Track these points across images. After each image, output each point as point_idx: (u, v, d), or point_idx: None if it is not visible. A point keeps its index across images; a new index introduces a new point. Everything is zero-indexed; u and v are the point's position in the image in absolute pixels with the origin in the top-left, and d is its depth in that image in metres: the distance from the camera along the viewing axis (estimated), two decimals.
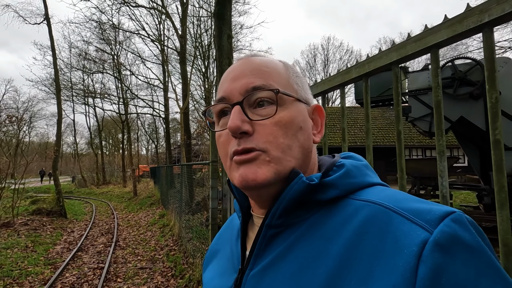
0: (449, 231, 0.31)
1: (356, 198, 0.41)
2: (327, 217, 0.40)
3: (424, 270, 0.30)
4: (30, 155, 13.84)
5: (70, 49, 23.32)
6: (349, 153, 0.52)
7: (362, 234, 0.36)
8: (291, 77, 0.48)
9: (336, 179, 0.42)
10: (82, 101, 26.63)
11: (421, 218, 0.33)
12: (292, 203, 0.41)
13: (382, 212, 0.36)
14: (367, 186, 0.43)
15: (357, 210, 0.38)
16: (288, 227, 0.42)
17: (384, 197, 0.39)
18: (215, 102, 0.48)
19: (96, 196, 19.76)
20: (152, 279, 4.70)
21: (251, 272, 0.43)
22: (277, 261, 0.40)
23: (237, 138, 0.43)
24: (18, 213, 8.92)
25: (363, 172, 0.45)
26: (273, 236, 0.43)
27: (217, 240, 0.61)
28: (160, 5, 14.70)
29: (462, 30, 0.90)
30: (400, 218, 0.34)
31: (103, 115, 29.67)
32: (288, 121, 0.44)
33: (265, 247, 0.43)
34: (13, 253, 5.99)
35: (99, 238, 7.78)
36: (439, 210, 0.33)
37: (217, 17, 6.29)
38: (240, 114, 0.43)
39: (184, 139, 12.51)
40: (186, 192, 7.10)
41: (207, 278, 0.55)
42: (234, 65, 0.49)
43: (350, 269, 0.34)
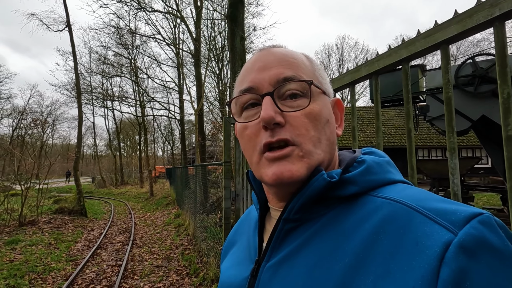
0: (475, 234, 0.29)
1: (377, 195, 0.39)
2: (345, 213, 0.40)
3: (446, 273, 0.28)
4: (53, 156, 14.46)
5: (90, 54, 24.22)
6: (370, 149, 0.50)
7: (381, 232, 0.35)
8: (315, 69, 0.48)
9: (356, 176, 0.41)
10: (101, 104, 27.58)
11: (446, 218, 0.32)
12: (310, 199, 0.41)
13: (403, 210, 0.35)
14: (388, 183, 0.42)
15: (377, 208, 0.37)
16: (305, 222, 0.42)
17: (406, 196, 0.37)
18: (240, 93, 0.46)
19: (115, 196, 20.36)
20: (167, 277, 4.80)
21: (267, 264, 0.43)
22: (293, 255, 0.40)
23: (269, 129, 0.41)
24: (42, 212, 9.34)
25: (385, 168, 0.44)
26: (290, 230, 0.43)
27: (235, 232, 0.62)
28: (175, 9, 15.03)
29: (472, 25, 0.89)
30: (423, 217, 0.33)
31: (121, 118, 30.62)
32: (318, 113, 0.43)
33: (282, 241, 0.43)
34: (37, 249, 6.28)
35: (117, 237, 8.01)
36: (466, 211, 0.32)
37: (230, 19, 6.37)
38: (273, 105, 0.42)
39: (198, 140, 12.70)
40: (201, 193, 7.19)
41: (224, 267, 0.55)
42: (258, 56, 0.47)
43: (366, 267, 0.33)
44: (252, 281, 0.44)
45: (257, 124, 0.43)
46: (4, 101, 33.20)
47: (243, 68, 0.49)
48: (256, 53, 0.49)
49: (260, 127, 0.43)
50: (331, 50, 40.37)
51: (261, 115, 0.41)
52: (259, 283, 0.42)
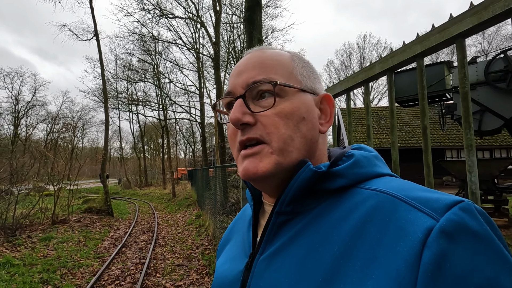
0: (456, 219, 0.31)
1: (364, 187, 0.41)
2: (335, 205, 0.41)
3: (428, 255, 0.30)
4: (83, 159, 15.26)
5: (116, 61, 25.51)
6: (360, 145, 0.51)
7: (368, 221, 0.36)
8: (295, 67, 0.48)
9: (344, 169, 0.43)
10: (126, 108, 28.78)
11: (428, 206, 0.33)
12: (300, 191, 0.42)
13: (389, 200, 0.36)
14: (376, 176, 0.43)
15: (365, 199, 0.39)
16: (297, 214, 0.43)
17: (391, 187, 0.39)
18: (223, 96, 0.50)
19: (139, 197, 21.11)
20: (188, 276, 4.91)
21: (261, 257, 0.44)
22: (285, 246, 0.42)
23: (240, 129, 0.45)
24: (72, 211, 9.89)
25: (372, 162, 0.45)
26: (283, 223, 0.44)
27: (230, 230, 0.64)
28: (195, 15, 15.40)
29: (488, 16, 0.85)
30: (407, 206, 0.35)
31: (145, 121, 31.81)
32: (289, 112, 0.44)
33: (275, 233, 0.44)
34: (68, 246, 6.65)
35: (141, 236, 8.30)
36: (447, 199, 0.33)
37: (247, 22, 6.43)
38: (241, 107, 0.45)
39: (218, 142, 12.89)
40: (221, 194, 7.30)
41: (219, 263, 0.57)
42: (241, 60, 0.50)
43: (354, 255, 0.35)
44: (246, 274, 0.45)
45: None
46: (39, 108, 35.60)
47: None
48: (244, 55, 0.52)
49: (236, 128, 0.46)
50: (352, 49, 39.51)
51: (229, 116, 0.45)
52: (253, 275, 0.43)
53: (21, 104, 34.05)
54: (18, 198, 7.93)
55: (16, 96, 33.72)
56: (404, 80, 6.97)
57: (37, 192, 10.02)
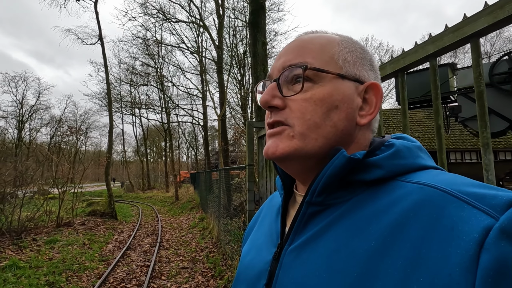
0: None
1: (407, 180, 0.37)
2: (371, 198, 0.38)
3: (487, 259, 0.26)
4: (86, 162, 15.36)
5: (120, 65, 25.72)
6: (401, 134, 0.48)
7: (411, 217, 0.33)
8: (339, 52, 0.45)
9: (382, 159, 0.39)
10: (129, 112, 28.96)
11: (485, 203, 0.30)
12: (333, 179, 0.39)
13: (437, 195, 0.33)
14: (419, 169, 0.40)
15: (407, 193, 0.35)
16: (329, 206, 0.41)
17: (440, 180, 0.35)
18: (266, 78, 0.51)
19: (142, 200, 21.13)
20: (193, 279, 4.90)
21: (289, 247, 0.42)
22: (316, 238, 0.40)
23: (270, 111, 0.45)
24: (76, 214, 9.91)
25: (415, 153, 0.41)
26: (314, 214, 0.42)
27: (257, 217, 0.63)
28: (199, 18, 15.54)
29: (504, 15, 0.86)
30: (459, 202, 0.31)
31: (147, 125, 31.94)
32: (320, 98, 0.42)
33: (305, 224, 0.42)
34: (73, 249, 6.67)
35: (145, 239, 8.30)
36: (507, 195, 0.30)
37: (251, 26, 6.49)
38: (272, 90, 0.44)
39: (221, 145, 12.92)
40: (224, 197, 7.30)
41: (245, 251, 0.55)
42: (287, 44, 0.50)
43: (394, 252, 0.32)
44: (274, 264, 0.43)
45: None
46: (43, 111, 35.89)
47: None
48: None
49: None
50: None
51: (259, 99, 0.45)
52: (281, 265, 0.42)
53: (25, 108, 34.35)
54: (23, 201, 7.97)
55: (20, 100, 34.02)
56: (408, 82, 6.97)
57: (41, 195, 10.07)
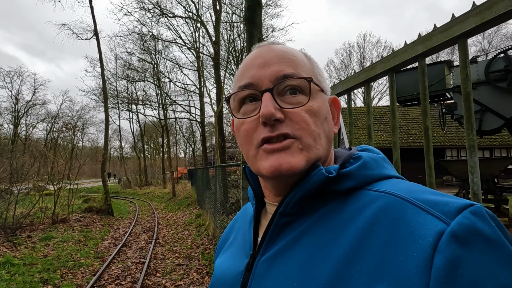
0: (467, 223, 0.30)
1: (372, 189, 0.40)
2: (341, 207, 0.40)
3: (440, 260, 0.29)
4: (83, 158, 15.27)
5: (116, 61, 25.45)
6: (366, 146, 0.51)
7: (375, 223, 0.35)
8: (314, 67, 0.49)
9: (353, 170, 0.42)
10: (126, 108, 28.79)
11: (438, 209, 0.33)
12: (308, 193, 0.41)
13: (397, 202, 0.36)
14: (383, 178, 0.43)
15: (372, 200, 0.38)
16: (301, 215, 0.42)
17: (399, 189, 0.38)
18: (239, 89, 0.46)
19: (139, 196, 21.11)
20: (188, 275, 4.91)
21: (262, 258, 0.43)
22: (288, 248, 0.41)
23: (269, 125, 0.42)
24: (72, 211, 9.89)
25: (380, 164, 0.45)
26: (286, 224, 0.43)
27: (230, 228, 0.62)
28: (195, 14, 15.39)
29: (491, 16, 0.85)
30: (416, 208, 0.34)
31: (145, 121, 31.79)
32: (317, 110, 0.44)
33: (277, 234, 0.43)
34: (68, 246, 6.66)
35: (141, 235, 8.30)
36: (457, 202, 0.33)
37: (247, 21, 6.43)
38: (273, 101, 0.42)
39: (218, 141, 12.89)
40: (221, 193, 7.30)
41: (218, 262, 0.55)
42: (259, 51, 0.48)
43: (361, 258, 0.34)
44: (247, 275, 0.44)
45: (255, 120, 0.44)
46: (39, 107, 35.59)
47: (242, 63, 0.49)
48: (256, 48, 0.49)
49: (258, 123, 0.43)
50: (352, 48, 39.50)
51: (261, 111, 0.42)
52: (254, 276, 0.42)
53: (21, 103, 34.01)
54: (18, 197, 7.92)
55: (16, 95, 33.69)
56: (404, 79, 6.98)
57: (37, 191, 10.02)
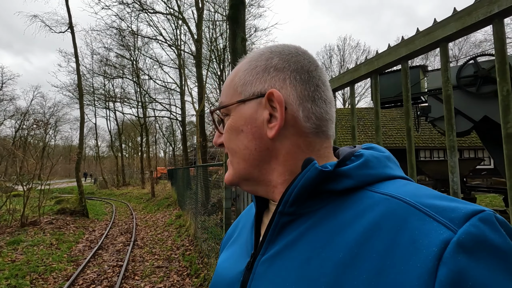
0: (475, 232, 0.28)
1: (374, 190, 0.38)
2: (341, 207, 0.39)
3: (444, 273, 0.27)
4: (56, 157, 14.53)
5: (92, 56, 24.43)
6: (371, 145, 0.49)
7: (376, 229, 0.34)
8: (239, 80, 0.47)
9: (352, 169, 0.40)
10: (103, 105, 27.73)
11: (445, 216, 0.31)
12: (304, 190, 0.40)
13: (401, 207, 0.34)
14: (387, 179, 0.41)
15: (374, 203, 0.36)
16: (301, 216, 0.41)
17: (404, 191, 0.36)
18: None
19: (116, 197, 20.41)
20: (168, 278, 4.80)
21: (262, 257, 0.43)
22: (287, 248, 0.40)
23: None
24: (44, 213, 9.38)
25: (383, 163, 0.42)
26: (286, 224, 0.42)
27: (234, 227, 0.62)
28: (177, 10, 15.09)
29: (471, 22, 0.88)
30: (421, 214, 0.32)
31: (123, 119, 30.77)
32: (229, 127, 0.48)
33: (277, 234, 0.43)
34: (39, 250, 6.30)
35: (119, 238, 8.02)
36: (466, 208, 0.31)
37: (231, 20, 6.38)
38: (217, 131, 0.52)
39: (200, 141, 12.72)
40: (202, 194, 7.20)
41: (221, 260, 0.55)
42: None
43: (360, 264, 0.33)
44: (247, 274, 0.43)
45: None
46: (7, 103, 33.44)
47: None
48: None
49: None
50: (332, 51, 40.41)
51: None
52: (254, 276, 0.42)
53: None
54: None
55: None
56: (382, 82, 7.23)
57: (4, 192, 9.41)
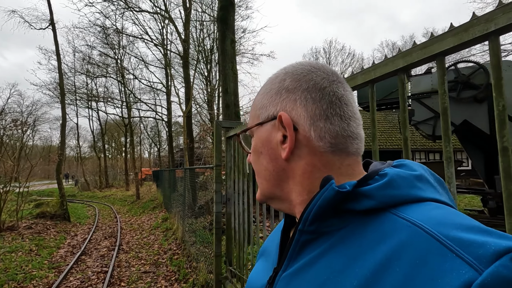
0: (505, 274, 0.25)
1: (398, 214, 0.36)
2: (361, 230, 0.38)
3: None
4: (34, 158, 13.93)
5: (74, 54, 23.61)
6: (403, 161, 0.45)
7: (395, 259, 0.31)
8: (257, 104, 0.49)
9: (373, 189, 0.38)
10: (85, 105, 26.87)
11: (470, 252, 0.27)
12: (322, 210, 0.39)
13: (422, 237, 0.31)
14: (414, 201, 0.37)
15: (396, 229, 0.34)
16: (322, 235, 0.41)
17: (429, 219, 0.33)
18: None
19: (99, 199, 19.81)
20: (156, 283, 4.70)
21: (283, 274, 0.43)
22: (307, 267, 0.40)
23: None
24: (22, 217, 8.96)
25: (410, 183, 0.39)
26: (307, 242, 0.42)
27: (269, 238, 0.63)
28: (164, 10, 14.86)
29: (468, 38, 0.91)
30: (443, 248, 0.29)
31: (106, 119, 29.88)
32: (252, 149, 0.50)
33: (298, 252, 0.43)
34: (17, 256, 6.02)
35: (103, 242, 7.79)
36: (497, 244, 0.27)
37: (220, 21, 6.36)
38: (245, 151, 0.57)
39: (187, 142, 12.55)
40: (189, 196, 7.10)
41: (253, 270, 0.57)
42: None
43: None
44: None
45: None
46: None
47: None
48: None
49: None
50: (318, 54, 40.86)
51: None
52: None
53: None
54: None
55: None
56: None
57: None
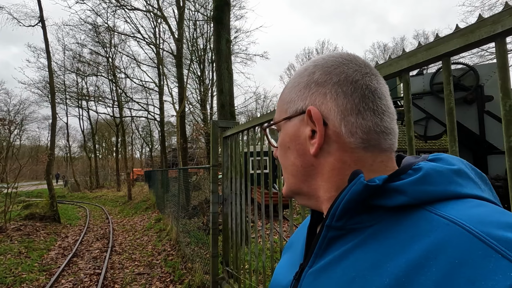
0: None
1: (435, 211, 0.33)
2: (393, 227, 0.35)
3: None
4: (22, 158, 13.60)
5: (64, 52, 23.16)
6: (440, 155, 0.41)
7: (431, 258, 0.29)
8: (285, 98, 0.48)
9: (406, 184, 0.35)
10: (75, 104, 26.39)
11: None
12: (350, 205, 0.37)
13: (463, 236, 0.29)
14: (454, 197, 0.35)
15: (432, 228, 0.32)
16: (350, 231, 0.39)
17: (471, 216, 0.30)
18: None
19: (90, 200, 19.47)
20: (150, 285, 4.64)
21: (309, 270, 0.42)
22: (334, 264, 0.39)
23: None
24: (10, 218, 8.74)
25: (448, 179, 0.36)
26: (334, 238, 0.40)
27: (295, 233, 0.62)
28: (156, 8, 14.71)
29: (474, 40, 0.93)
30: (487, 249, 0.27)
31: (97, 118, 29.39)
32: (279, 144, 0.50)
33: (325, 248, 0.41)
34: (6, 259, 5.86)
35: (95, 243, 7.66)
36: None
37: (215, 21, 6.32)
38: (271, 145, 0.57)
39: (180, 142, 12.45)
40: (183, 196, 7.05)
41: (278, 265, 0.57)
42: None
43: None
44: (295, 284, 0.44)
45: None
46: None
47: None
48: None
49: None
50: (311, 54, 41.13)
51: None
52: (301, 287, 0.43)
53: None
54: None
55: None
56: None
57: None
